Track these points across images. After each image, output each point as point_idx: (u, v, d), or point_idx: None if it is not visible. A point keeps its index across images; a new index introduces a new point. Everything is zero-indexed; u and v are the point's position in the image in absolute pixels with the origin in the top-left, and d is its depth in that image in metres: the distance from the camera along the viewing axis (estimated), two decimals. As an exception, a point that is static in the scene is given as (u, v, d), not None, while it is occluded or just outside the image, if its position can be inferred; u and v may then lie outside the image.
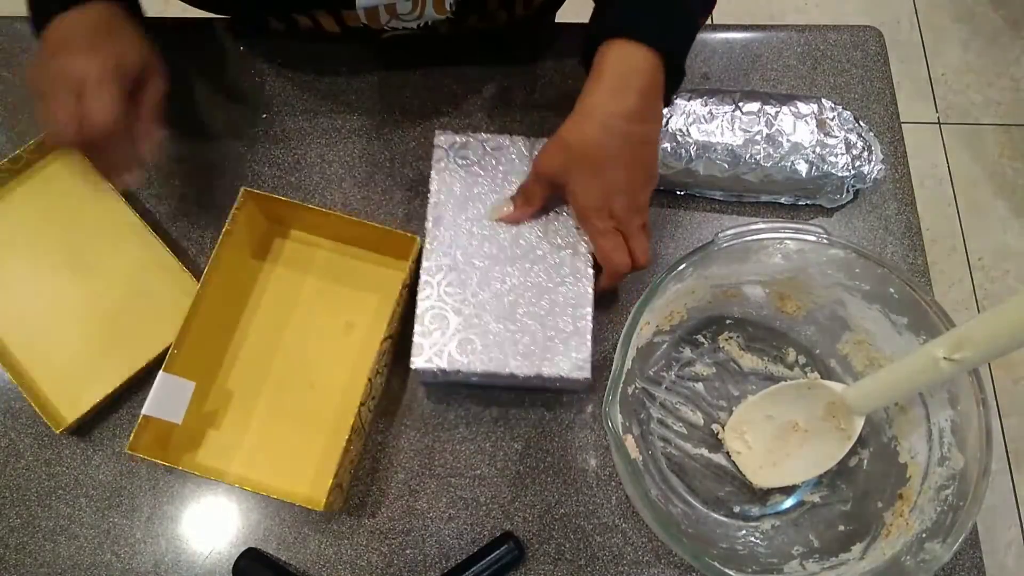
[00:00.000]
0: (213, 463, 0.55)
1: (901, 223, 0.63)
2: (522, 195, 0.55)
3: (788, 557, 0.50)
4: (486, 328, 0.52)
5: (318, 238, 0.60)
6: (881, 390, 0.48)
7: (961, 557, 0.54)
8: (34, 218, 0.60)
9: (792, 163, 0.58)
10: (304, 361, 0.57)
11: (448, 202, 0.55)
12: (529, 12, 0.69)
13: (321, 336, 0.58)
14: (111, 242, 0.59)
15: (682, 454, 0.56)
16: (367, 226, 0.55)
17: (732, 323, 0.58)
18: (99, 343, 0.57)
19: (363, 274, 0.60)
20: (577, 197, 0.52)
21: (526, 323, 0.52)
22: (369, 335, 0.58)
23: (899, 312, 0.50)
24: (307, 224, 0.60)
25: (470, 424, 0.56)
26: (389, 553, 0.53)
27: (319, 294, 0.59)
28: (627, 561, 0.53)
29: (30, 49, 0.66)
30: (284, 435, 0.55)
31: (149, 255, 0.58)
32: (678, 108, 0.59)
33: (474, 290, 0.53)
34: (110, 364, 0.55)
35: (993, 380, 1.37)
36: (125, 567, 0.53)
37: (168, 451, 0.54)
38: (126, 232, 0.59)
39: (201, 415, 0.55)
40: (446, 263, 0.53)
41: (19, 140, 0.63)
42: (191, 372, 0.53)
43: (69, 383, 0.56)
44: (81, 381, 0.55)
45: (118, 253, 0.59)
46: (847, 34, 0.70)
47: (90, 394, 0.54)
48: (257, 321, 0.58)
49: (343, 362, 0.57)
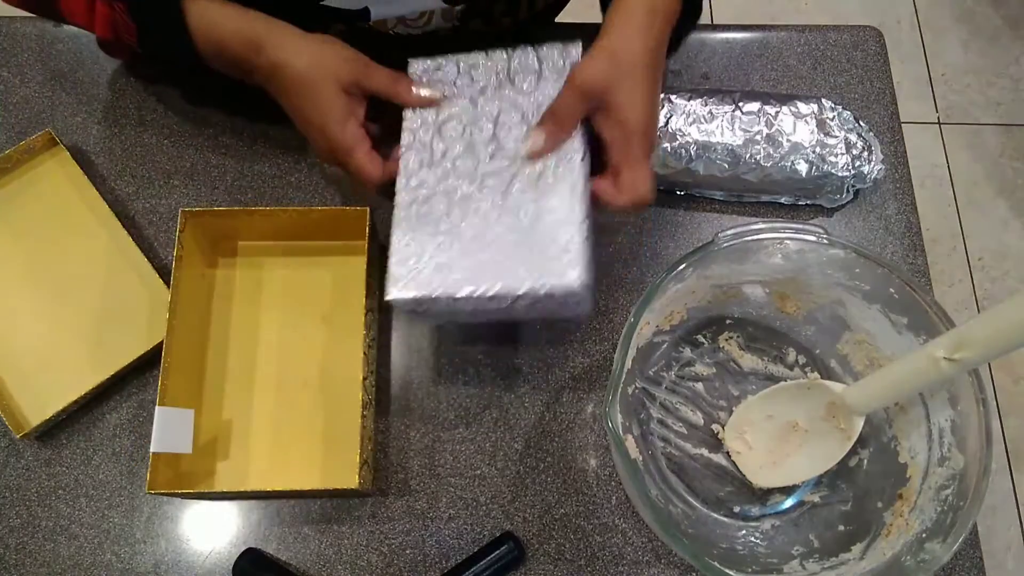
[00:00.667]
0: (231, 478, 0.54)
1: (901, 223, 0.63)
2: (553, 118, 0.48)
3: (788, 557, 0.50)
4: (465, 250, 0.47)
5: (274, 240, 0.60)
6: (881, 390, 0.48)
7: (961, 557, 0.54)
8: (15, 218, 0.60)
9: (792, 163, 0.58)
10: (292, 362, 0.57)
11: (421, 129, 0.51)
12: (533, 15, 0.69)
13: (302, 335, 0.58)
14: (90, 246, 0.60)
15: (682, 454, 0.56)
16: (317, 211, 0.55)
17: (732, 323, 0.58)
18: (70, 348, 0.57)
19: (326, 263, 0.60)
20: (624, 111, 0.46)
21: (507, 241, 0.47)
22: (349, 317, 0.57)
23: (899, 312, 0.50)
24: (259, 227, 0.59)
25: (470, 424, 0.56)
26: (389, 553, 0.53)
27: (287, 293, 0.59)
28: (627, 561, 0.53)
29: (31, 49, 0.66)
30: (293, 436, 0.55)
31: (126, 261, 0.59)
32: (678, 108, 0.59)
33: (452, 212, 0.48)
34: (80, 370, 0.55)
35: (993, 380, 1.37)
36: (125, 567, 0.53)
37: (182, 478, 0.53)
38: (105, 237, 0.59)
39: (206, 436, 0.55)
40: (422, 193, 0.49)
41: (18, 140, 0.63)
42: (185, 399, 0.53)
43: (38, 387, 0.55)
44: (50, 385, 0.55)
45: (95, 258, 0.59)
46: (847, 34, 0.70)
47: (57, 399, 0.53)
48: (234, 334, 0.58)
49: (330, 352, 0.57)
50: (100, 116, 0.65)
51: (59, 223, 0.60)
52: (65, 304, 0.58)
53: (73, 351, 0.57)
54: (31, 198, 0.61)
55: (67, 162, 0.61)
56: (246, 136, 0.64)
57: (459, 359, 0.58)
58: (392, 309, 0.59)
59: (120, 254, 0.59)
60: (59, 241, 0.60)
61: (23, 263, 0.59)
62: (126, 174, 0.63)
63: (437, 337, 0.59)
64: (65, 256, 0.59)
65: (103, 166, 0.63)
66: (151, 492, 0.48)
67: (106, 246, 0.59)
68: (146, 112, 0.65)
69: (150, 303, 0.57)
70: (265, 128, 0.65)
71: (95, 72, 0.66)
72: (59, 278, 0.59)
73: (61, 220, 0.60)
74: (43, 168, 0.62)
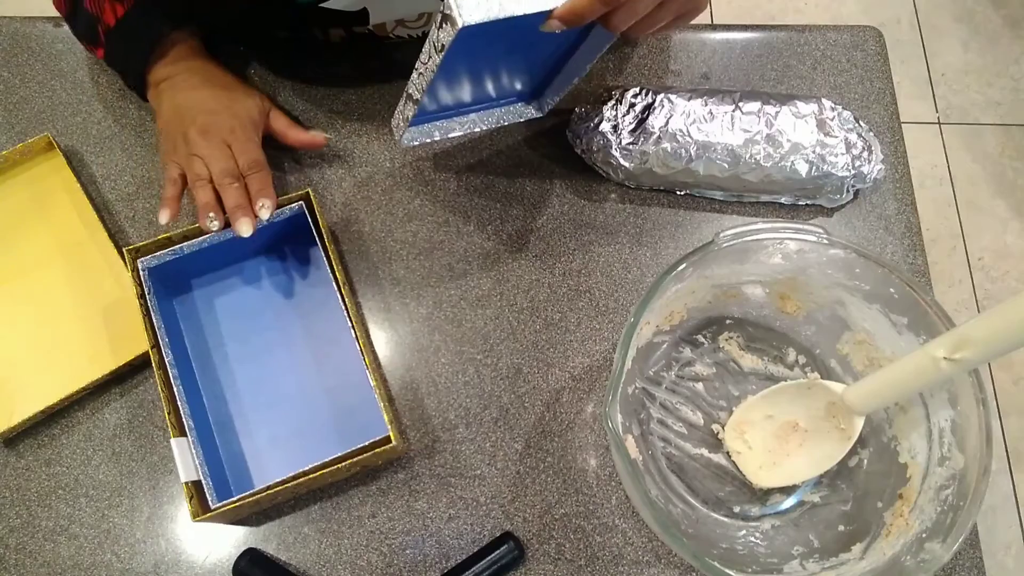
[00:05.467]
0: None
1: (901, 223, 0.63)
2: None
3: (788, 557, 0.50)
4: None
5: None
6: (881, 390, 0.48)
7: (961, 557, 0.54)
8: (11, 218, 0.61)
9: (792, 163, 0.58)
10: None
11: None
12: None
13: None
14: (75, 252, 0.59)
15: (682, 454, 0.56)
16: None
17: (732, 323, 0.58)
18: (45, 354, 0.57)
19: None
20: None
21: None
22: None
23: (899, 312, 0.50)
24: None
25: (470, 424, 0.57)
26: (389, 553, 0.53)
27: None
28: (627, 561, 0.53)
29: (31, 49, 0.66)
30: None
31: (109, 269, 0.59)
32: (678, 108, 0.59)
33: None
34: (54, 377, 0.55)
35: (993, 380, 1.37)
36: (125, 567, 0.53)
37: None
38: (90, 244, 0.59)
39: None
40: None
41: (18, 140, 0.63)
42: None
43: (11, 391, 0.55)
44: (25, 390, 0.55)
45: (78, 265, 0.59)
46: (847, 34, 0.70)
47: (28, 405, 0.53)
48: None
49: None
50: (100, 116, 0.65)
51: (49, 226, 0.60)
52: (42, 310, 0.58)
53: (43, 358, 0.56)
54: (26, 199, 0.61)
55: (62, 167, 0.61)
56: (246, 136, 0.64)
57: (459, 359, 0.58)
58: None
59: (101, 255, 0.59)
60: (50, 242, 0.60)
61: (17, 263, 0.59)
62: (126, 174, 0.63)
63: (437, 337, 0.59)
64: (55, 257, 0.59)
65: (102, 167, 0.63)
66: (197, 520, 0.47)
67: (94, 247, 0.59)
68: (146, 113, 0.65)
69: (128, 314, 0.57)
70: (265, 128, 0.65)
71: (95, 72, 0.66)
72: (48, 279, 0.59)
73: (51, 223, 0.61)
74: (39, 170, 0.62)
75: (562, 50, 0.54)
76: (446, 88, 0.53)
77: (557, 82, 0.58)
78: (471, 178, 0.64)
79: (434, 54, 0.45)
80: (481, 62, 0.51)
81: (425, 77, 0.48)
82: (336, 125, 0.65)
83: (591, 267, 0.61)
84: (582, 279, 0.61)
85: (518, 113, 0.60)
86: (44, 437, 0.55)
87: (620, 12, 0.43)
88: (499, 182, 0.64)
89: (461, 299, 0.60)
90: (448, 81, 0.52)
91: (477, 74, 0.53)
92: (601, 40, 0.51)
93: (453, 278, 0.60)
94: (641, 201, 0.63)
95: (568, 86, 0.57)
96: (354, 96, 0.66)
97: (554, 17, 0.43)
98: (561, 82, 0.57)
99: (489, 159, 0.64)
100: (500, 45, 0.49)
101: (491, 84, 0.56)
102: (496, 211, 0.63)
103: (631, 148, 0.59)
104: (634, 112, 0.59)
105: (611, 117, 0.60)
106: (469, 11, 0.43)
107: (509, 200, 0.63)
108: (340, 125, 0.65)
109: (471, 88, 0.55)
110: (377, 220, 0.62)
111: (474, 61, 0.50)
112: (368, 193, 0.63)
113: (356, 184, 0.63)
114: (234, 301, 0.59)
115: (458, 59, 0.48)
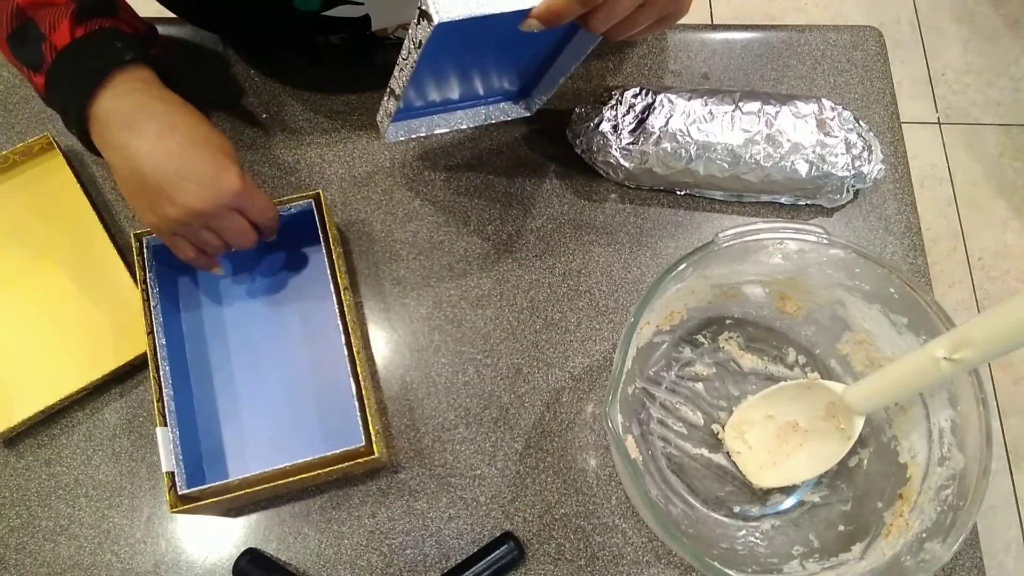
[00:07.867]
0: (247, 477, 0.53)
1: (901, 223, 0.63)
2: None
3: (788, 557, 0.50)
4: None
5: None
6: (881, 390, 0.48)
7: (961, 557, 0.54)
8: (10, 218, 0.61)
9: (792, 163, 0.58)
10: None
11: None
12: None
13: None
14: (73, 254, 0.59)
15: (682, 454, 0.56)
16: None
17: (732, 323, 0.58)
18: (45, 354, 0.57)
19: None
20: None
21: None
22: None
23: (899, 312, 0.50)
24: None
25: (470, 424, 0.57)
26: (389, 553, 0.53)
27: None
28: (627, 561, 0.53)
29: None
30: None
31: (107, 270, 0.58)
32: (678, 108, 0.59)
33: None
34: (54, 377, 0.55)
35: (993, 380, 1.37)
36: (125, 567, 0.53)
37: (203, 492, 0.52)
38: (89, 244, 0.59)
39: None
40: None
41: (18, 140, 0.63)
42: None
43: (11, 391, 0.55)
44: (25, 390, 0.55)
45: (77, 265, 0.59)
46: (847, 34, 0.70)
47: (28, 405, 0.53)
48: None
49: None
50: (100, 116, 0.65)
51: (48, 228, 0.60)
52: (42, 311, 0.58)
53: (43, 358, 0.56)
54: (26, 199, 0.61)
55: (62, 167, 0.61)
56: (246, 137, 0.64)
57: (459, 359, 0.58)
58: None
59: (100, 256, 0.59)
60: (50, 242, 0.60)
61: (16, 263, 0.59)
62: (126, 174, 0.63)
63: (437, 337, 0.59)
64: (55, 258, 0.59)
65: (102, 166, 0.63)
66: (173, 512, 0.48)
67: (93, 248, 0.59)
68: (146, 112, 0.65)
69: (125, 315, 0.57)
70: (264, 131, 0.65)
71: (95, 72, 0.66)
72: (47, 279, 0.59)
73: (50, 225, 0.60)
74: (38, 170, 0.62)
75: (547, 50, 0.54)
76: (431, 85, 0.53)
77: (544, 82, 0.58)
78: (471, 178, 0.64)
79: (413, 50, 0.45)
80: (464, 59, 0.51)
81: (405, 73, 0.47)
82: (336, 125, 0.65)
83: (591, 267, 0.61)
84: (582, 279, 0.61)
85: (505, 112, 0.60)
86: (44, 437, 0.55)
87: (599, 13, 0.43)
88: (499, 182, 0.64)
89: (461, 299, 0.60)
90: (431, 77, 0.52)
91: (462, 71, 0.53)
92: (586, 41, 0.51)
93: (453, 278, 0.61)
94: (641, 201, 0.63)
95: (555, 86, 0.57)
96: (354, 96, 0.66)
97: (532, 16, 0.43)
98: (548, 82, 0.57)
99: (489, 159, 0.64)
100: (481, 43, 0.49)
101: (477, 82, 0.56)
102: (496, 211, 0.63)
103: (631, 148, 0.59)
104: (634, 112, 0.59)
105: (611, 117, 0.60)
106: (446, 8, 0.43)
107: (509, 200, 0.63)
108: (340, 125, 0.65)
109: (457, 85, 0.55)
110: (377, 220, 0.62)
111: (456, 58, 0.50)
112: (368, 193, 0.63)
113: (356, 184, 0.63)
114: (235, 294, 0.59)
115: (439, 56, 0.48)
